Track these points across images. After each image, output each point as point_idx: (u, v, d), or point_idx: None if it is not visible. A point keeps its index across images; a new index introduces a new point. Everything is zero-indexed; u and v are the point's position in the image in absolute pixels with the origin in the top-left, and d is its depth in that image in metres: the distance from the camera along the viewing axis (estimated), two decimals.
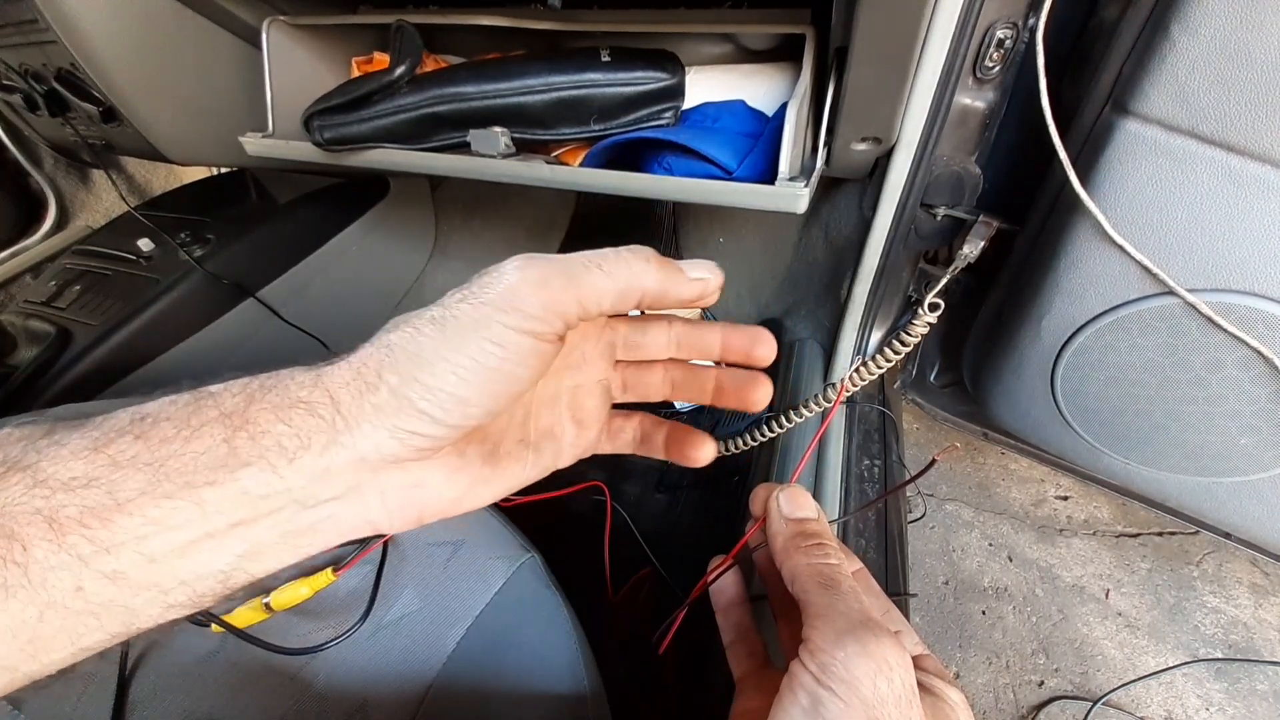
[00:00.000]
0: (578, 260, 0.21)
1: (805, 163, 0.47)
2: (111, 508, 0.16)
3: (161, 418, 0.18)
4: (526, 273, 0.20)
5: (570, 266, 0.21)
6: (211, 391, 0.18)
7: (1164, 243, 0.40)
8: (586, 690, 0.42)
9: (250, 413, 0.18)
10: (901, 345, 0.56)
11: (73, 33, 0.56)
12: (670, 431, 0.29)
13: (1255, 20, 0.32)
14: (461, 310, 0.19)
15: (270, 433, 0.18)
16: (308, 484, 0.18)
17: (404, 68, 0.51)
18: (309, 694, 0.38)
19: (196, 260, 0.83)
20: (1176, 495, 0.54)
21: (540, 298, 0.20)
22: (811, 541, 0.27)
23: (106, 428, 0.17)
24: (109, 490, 0.16)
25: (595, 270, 0.21)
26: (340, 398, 0.19)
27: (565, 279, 0.20)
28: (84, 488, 0.16)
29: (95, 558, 0.16)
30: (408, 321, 0.20)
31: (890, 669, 0.21)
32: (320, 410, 0.18)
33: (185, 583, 0.17)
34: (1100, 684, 0.85)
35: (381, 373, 0.19)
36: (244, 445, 0.17)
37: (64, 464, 0.16)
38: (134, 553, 0.16)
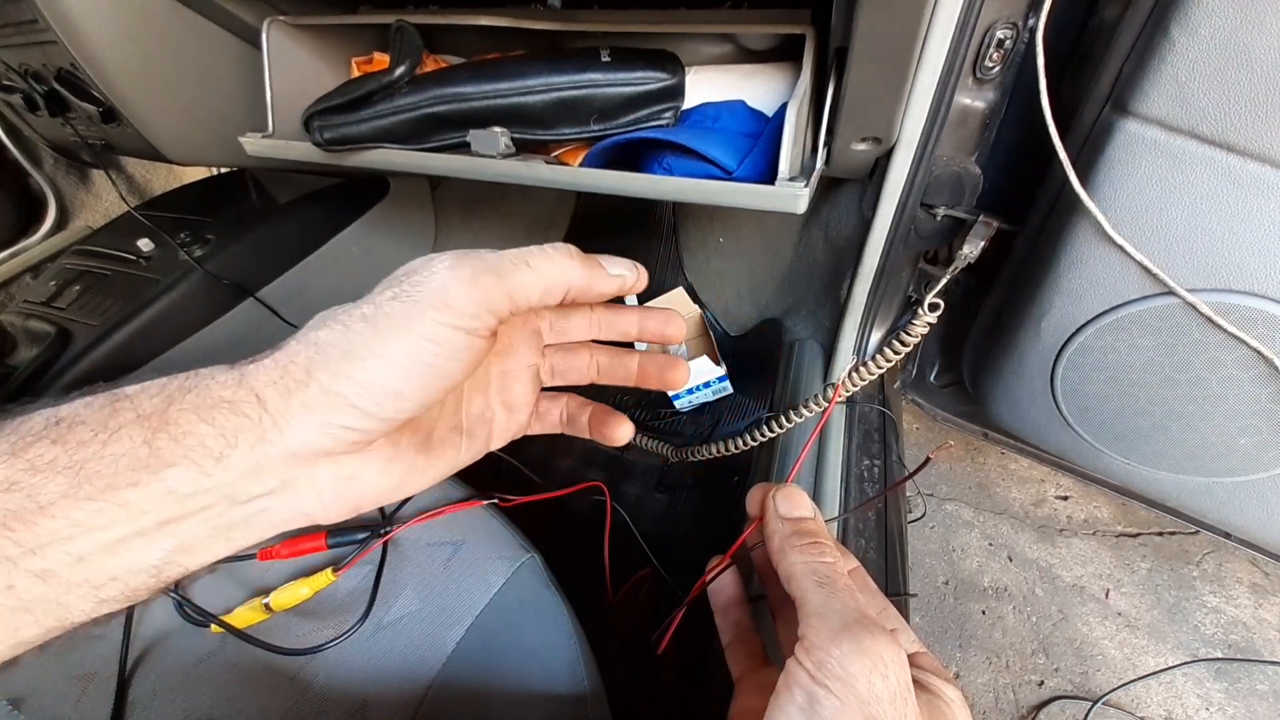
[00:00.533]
0: (506, 258, 0.22)
1: (805, 163, 0.47)
2: (34, 510, 0.16)
3: (77, 421, 0.18)
4: (458, 271, 0.21)
5: (499, 264, 0.22)
6: (128, 393, 0.18)
7: (1164, 243, 0.40)
8: (586, 690, 0.42)
9: (170, 414, 0.18)
10: (901, 345, 0.56)
11: (73, 33, 0.56)
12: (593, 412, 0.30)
13: (1255, 20, 0.32)
14: (394, 308, 0.20)
15: (193, 433, 0.18)
16: (237, 480, 0.19)
17: (404, 68, 0.51)
18: (309, 694, 0.38)
19: (196, 260, 0.83)
20: (1176, 495, 0.54)
21: (472, 296, 0.20)
22: (807, 540, 0.27)
23: (22, 431, 0.17)
24: (29, 494, 0.16)
25: (523, 267, 0.22)
26: (266, 396, 0.19)
27: (495, 277, 0.21)
28: (4, 492, 0.16)
29: (23, 558, 0.16)
30: (335, 319, 0.20)
31: (885, 666, 0.21)
32: (245, 409, 0.19)
33: (116, 578, 0.18)
34: (1100, 684, 0.85)
35: (311, 370, 0.19)
36: (165, 446, 0.18)
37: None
38: (61, 552, 0.17)
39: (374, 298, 0.21)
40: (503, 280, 0.21)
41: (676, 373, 0.29)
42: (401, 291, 0.20)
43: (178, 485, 0.18)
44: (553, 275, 0.23)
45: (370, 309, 0.20)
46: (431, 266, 0.21)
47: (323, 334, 0.20)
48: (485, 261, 0.21)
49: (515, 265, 0.22)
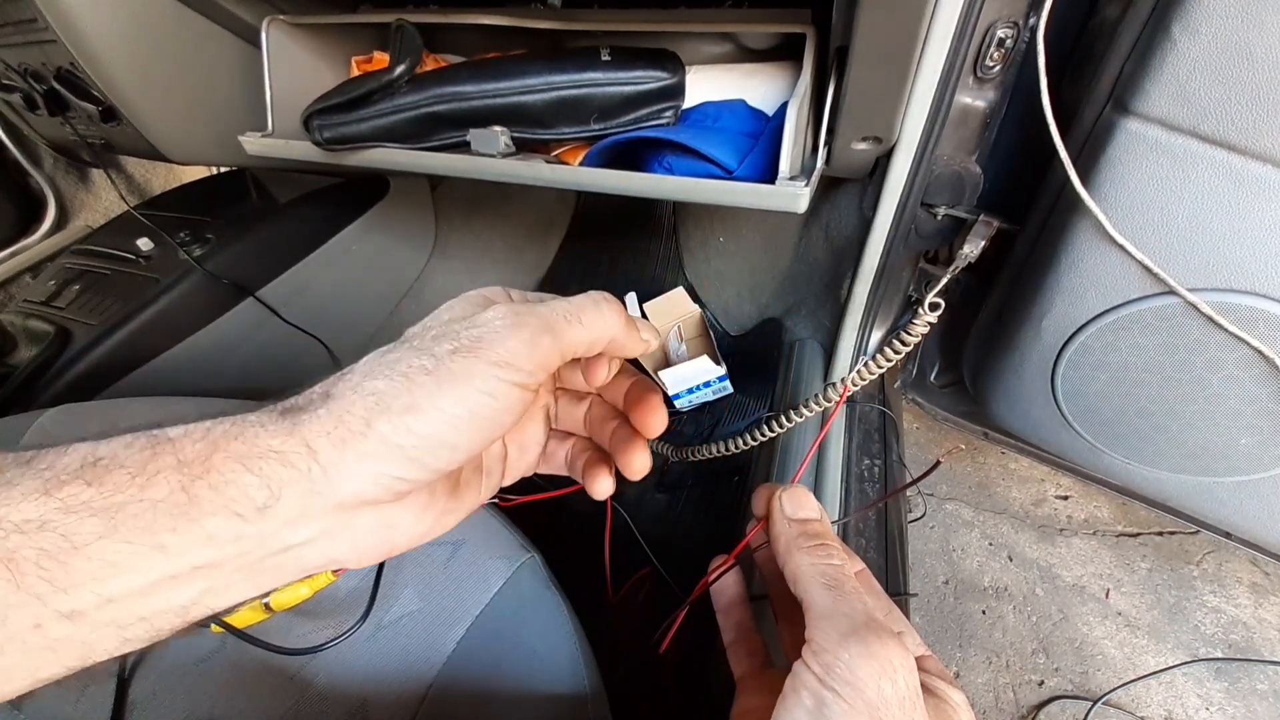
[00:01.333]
0: (559, 314, 0.23)
1: (805, 162, 0.47)
2: (68, 550, 0.16)
3: (115, 464, 0.17)
4: (519, 330, 0.21)
5: (553, 320, 0.22)
6: (170, 436, 0.18)
7: (1165, 242, 0.40)
8: (586, 690, 0.42)
9: (214, 461, 0.18)
10: (902, 345, 0.56)
11: (72, 32, 0.56)
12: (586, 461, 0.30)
13: (1256, 19, 0.32)
14: (456, 363, 0.20)
15: (236, 483, 0.18)
16: (279, 529, 0.18)
17: (404, 67, 0.51)
18: (309, 694, 0.38)
19: (196, 260, 0.83)
20: (1177, 495, 0.54)
21: (533, 355, 0.21)
22: (814, 542, 0.27)
23: (58, 469, 0.17)
24: (64, 534, 0.16)
25: (576, 324, 0.23)
26: (319, 446, 0.19)
27: (551, 336, 0.22)
28: (38, 531, 0.16)
29: (52, 597, 0.16)
30: (394, 370, 0.20)
31: (894, 670, 0.21)
32: (295, 460, 0.18)
33: (144, 619, 0.18)
34: (1100, 684, 0.85)
35: (371, 421, 0.19)
36: (204, 494, 0.17)
37: (15, 506, 0.16)
38: (91, 593, 0.16)
39: (433, 349, 0.21)
40: (557, 338, 0.22)
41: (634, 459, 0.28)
42: (462, 346, 0.21)
43: (217, 532, 0.18)
44: (600, 330, 0.24)
45: (430, 361, 0.20)
46: (489, 320, 0.22)
47: (381, 384, 0.20)
48: (541, 318, 0.22)
49: (568, 322, 0.23)
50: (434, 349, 0.21)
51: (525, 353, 0.21)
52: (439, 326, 0.22)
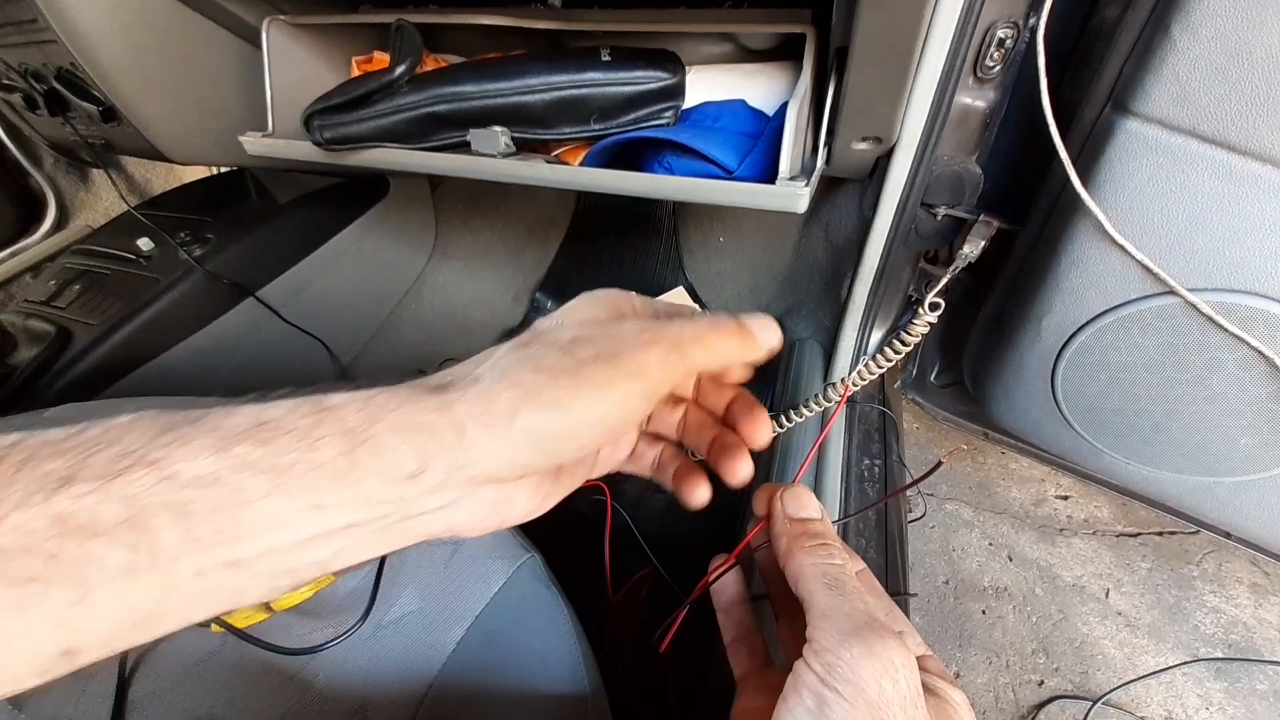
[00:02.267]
0: (688, 335, 0.24)
1: (805, 162, 0.47)
2: (238, 505, 0.17)
3: (284, 428, 0.19)
4: (654, 348, 0.23)
5: (682, 342, 0.24)
6: (331, 404, 0.20)
7: (1165, 242, 0.40)
8: (586, 690, 0.42)
9: (374, 430, 0.19)
10: (902, 345, 0.56)
11: (72, 32, 0.56)
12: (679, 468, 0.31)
13: (1255, 20, 0.32)
14: (596, 370, 0.22)
15: (394, 450, 0.19)
16: (421, 495, 0.20)
17: (404, 67, 0.51)
18: (309, 694, 0.38)
19: (196, 260, 0.83)
20: (1176, 495, 0.54)
21: (664, 372, 0.23)
22: (816, 542, 0.27)
23: (227, 428, 0.18)
24: (235, 490, 0.17)
25: (701, 349, 0.24)
26: (468, 426, 0.20)
27: (679, 355, 0.23)
28: (210, 485, 0.17)
29: (219, 548, 0.17)
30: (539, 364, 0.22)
31: (896, 670, 0.21)
32: (445, 436, 0.20)
33: (291, 570, 0.19)
34: (1100, 683, 0.85)
35: (517, 409, 0.20)
36: (365, 459, 0.19)
37: (189, 462, 0.17)
38: (253, 545, 0.18)
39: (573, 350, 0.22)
40: (685, 359, 0.24)
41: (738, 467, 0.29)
42: (603, 354, 0.22)
43: (371, 494, 0.19)
44: (721, 354, 0.25)
45: (573, 363, 0.22)
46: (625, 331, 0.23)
47: (529, 377, 0.21)
48: (671, 336, 0.23)
49: (694, 344, 0.24)
50: (576, 351, 0.22)
51: (658, 367, 0.23)
52: (574, 327, 0.24)
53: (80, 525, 0.16)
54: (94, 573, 0.16)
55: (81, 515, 0.16)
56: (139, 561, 0.16)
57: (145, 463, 0.17)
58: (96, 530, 0.16)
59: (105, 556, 0.16)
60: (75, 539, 0.16)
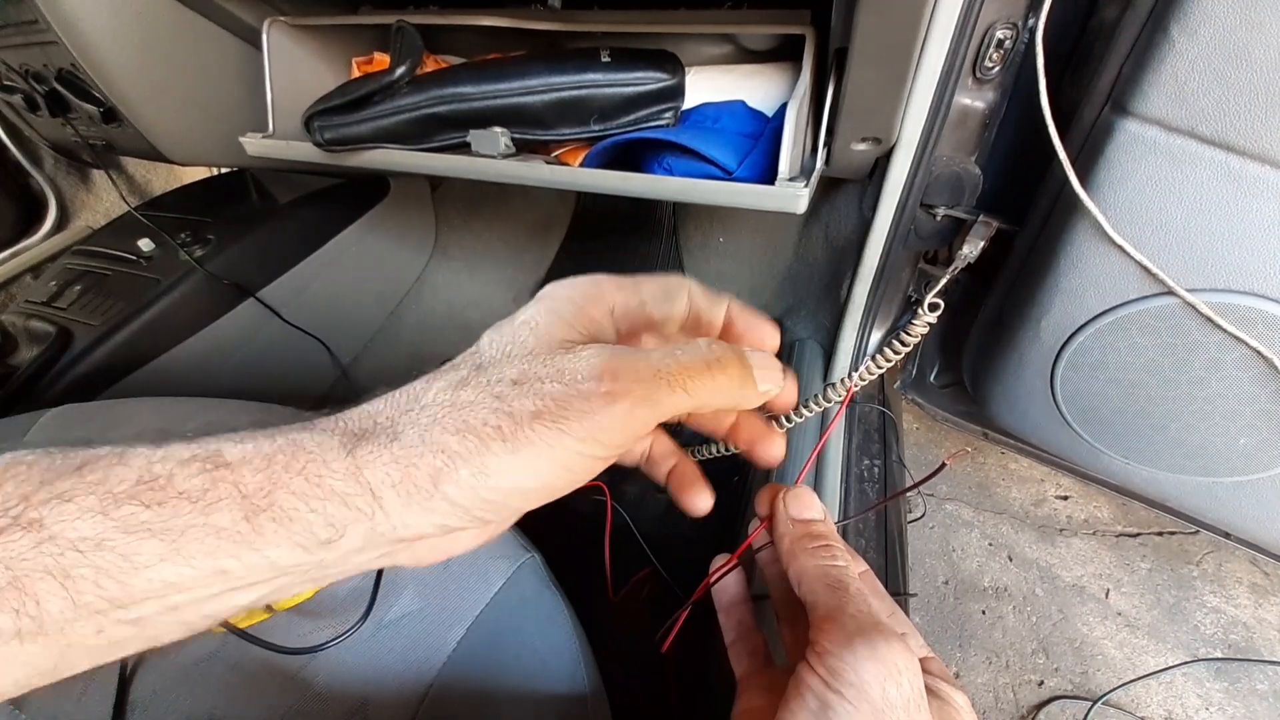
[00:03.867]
0: (664, 378, 0.20)
1: (805, 163, 0.47)
2: (128, 570, 0.16)
3: (175, 488, 0.17)
4: (613, 406, 0.19)
5: (656, 388, 0.20)
6: (228, 461, 0.18)
7: (1164, 243, 0.40)
8: (586, 690, 0.42)
9: (275, 496, 0.18)
10: (901, 345, 0.56)
11: (73, 33, 0.56)
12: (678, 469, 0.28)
13: (1254, 20, 0.32)
14: (537, 434, 0.18)
15: (300, 520, 0.18)
16: (341, 557, 0.19)
17: (404, 68, 0.51)
18: (309, 694, 0.38)
19: (197, 260, 0.83)
20: (1176, 495, 0.54)
21: (625, 431, 0.19)
22: (819, 543, 0.27)
23: (112, 483, 0.17)
24: (123, 554, 0.16)
25: (680, 394, 0.20)
26: (383, 495, 0.18)
27: (650, 409, 0.20)
28: (95, 550, 0.16)
29: (114, 611, 0.16)
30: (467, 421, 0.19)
31: (899, 673, 0.21)
32: (358, 503, 0.18)
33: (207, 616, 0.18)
34: (1100, 684, 0.85)
35: (438, 481, 0.18)
36: (268, 527, 0.17)
37: (70, 524, 0.16)
38: (155, 605, 0.17)
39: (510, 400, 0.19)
40: (656, 409, 0.20)
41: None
42: (544, 410, 0.19)
43: (279, 559, 0.18)
44: (706, 400, 0.21)
45: (508, 423, 0.19)
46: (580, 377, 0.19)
47: (452, 441, 0.18)
48: (643, 386, 0.20)
49: (672, 390, 0.20)
50: (512, 403, 0.19)
51: (617, 429, 0.19)
52: (520, 359, 0.20)
53: None
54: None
55: None
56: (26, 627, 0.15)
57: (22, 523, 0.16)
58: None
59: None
60: None
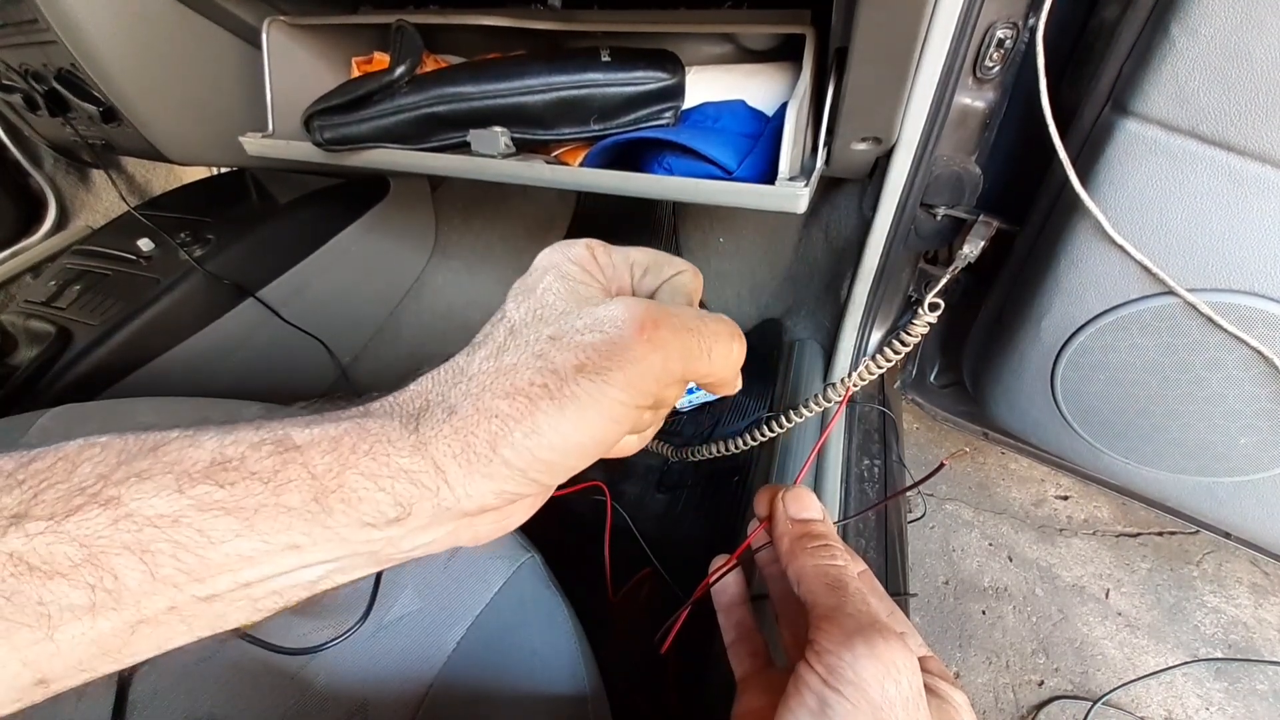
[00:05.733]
0: (695, 338, 0.22)
1: (805, 163, 0.47)
2: (204, 545, 0.17)
3: (247, 469, 0.18)
4: (652, 356, 0.20)
5: (688, 346, 0.21)
6: (297, 444, 0.18)
7: (1164, 243, 0.40)
8: (586, 690, 0.42)
9: (344, 478, 0.18)
10: (901, 345, 0.56)
11: (73, 33, 0.56)
12: None
13: (1255, 20, 0.32)
14: (581, 388, 0.19)
15: (368, 499, 0.18)
16: (407, 534, 0.19)
17: (404, 68, 0.51)
18: (309, 694, 0.38)
19: (197, 260, 0.83)
20: (1176, 495, 0.54)
21: (661, 381, 0.21)
22: (818, 543, 0.27)
23: (186, 464, 0.17)
24: (199, 530, 0.17)
25: (705, 357, 0.22)
26: (447, 468, 0.19)
27: (682, 363, 0.21)
28: (172, 526, 0.16)
29: (189, 585, 0.17)
30: (515, 385, 0.20)
31: (899, 672, 0.21)
32: (424, 480, 0.19)
33: (275, 593, 0.19)
34: (1100, 684, 0.85)
35: (495, 445, 0.19)
36: (338, 507, 0.18)
37: (147, 501, 0.16)
38: (228, 580, 0.17)
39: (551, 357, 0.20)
40: (688, 366, 0.21)
41: None
42: (587, 365, 0.19)
43: (350, 536, 0.18)
44: (721, 370, 0.23)
45: (553, 380, 0.19)
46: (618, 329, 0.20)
47: (504, 405, 0.19)
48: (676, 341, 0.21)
49: (700, 353, 0.22)
50: (554, 359, 0.20)
51: (654, 377, 0.20)
52: (552, 320, 0.21)
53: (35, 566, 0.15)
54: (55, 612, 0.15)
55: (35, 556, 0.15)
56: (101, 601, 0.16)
57: (100, 500, 0.16)
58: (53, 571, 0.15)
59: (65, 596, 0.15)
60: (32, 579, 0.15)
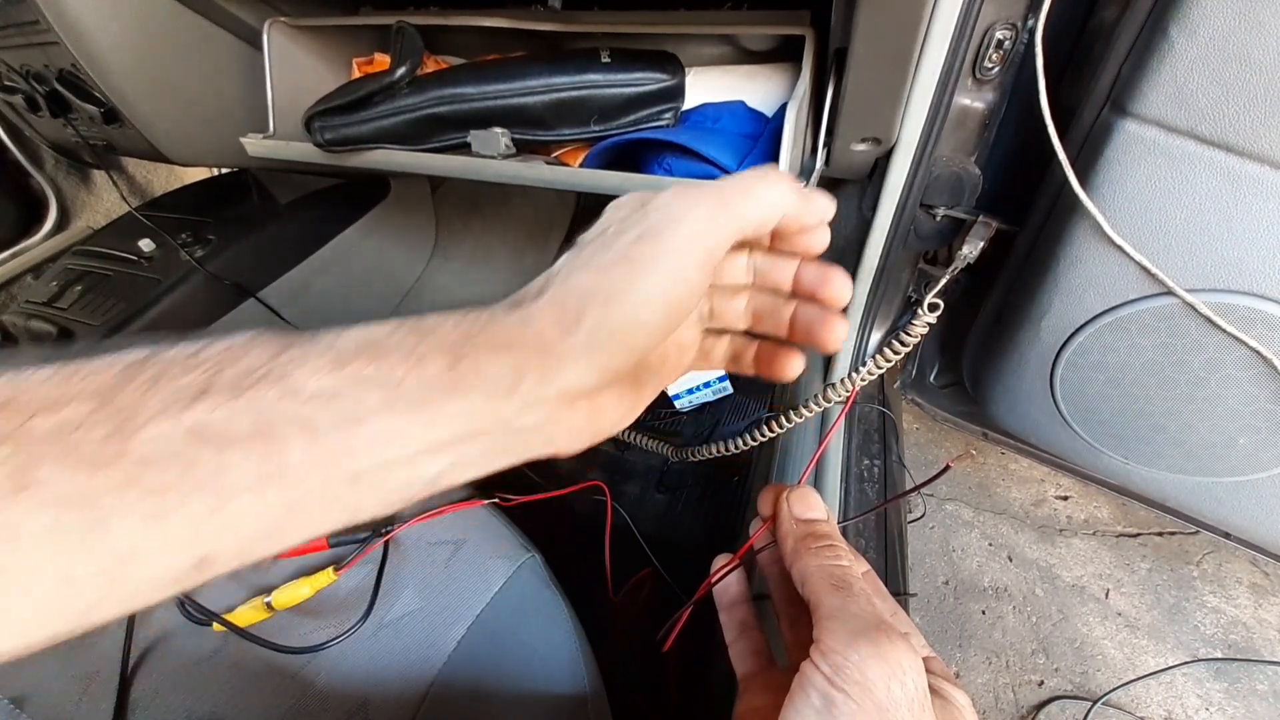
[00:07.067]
0: (730, 189, 0.23)
1: (805, 163, 0.47)
2: (356, 420, 0.18)
3: (389, 345, 0.19)
4: (695, 210, 0.22)
5: (727, 197, 0.23)
6: (428, 324, 0.20)
7: (1163, 243, 0.40)
8: (586, 690, 0.42)
9: (469, 347, 0.20)
10: (901, 345, 0.56)
11: (74, 34, 0.56)
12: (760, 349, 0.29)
13: (1254, 21, 0.32)
14: (644, 250, 0.21)
15: (491, 364, 0.20)
16: (518, 411, 0.20)
17: (405, 69, 0.51)
18: (310, 693, 0.38)
19: (198, 261, 0.83)
20: (1176, 495, 0.54)
21: (713, 233, 0.22)
22: (822, 543, 0.27)
23: (340, 347, 0.19)
24: (354, 403, 0.18)
25: (752, 202, 0.23)
26: (549, 337, 0.20)
27: (728, 215, 0.22)
28: (331, 399, 0.18)
29: (342, 460, 0.18)
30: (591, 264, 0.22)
31: (904, 672, 0.21)
32: (529, 351, 0.20)
33: (405, 484, 0.20)
34: (1100, 684, 0.85)
35: (583, 312, 0.21)
36: (467, 374, 0.19)
37: (310, 378, 0.18)
38: (370, 459, 0.18)
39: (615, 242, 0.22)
40: (732, 214, 0.22)
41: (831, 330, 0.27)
42: (646, 231, 0.22)
43: (475, 409, 0.20)
44: (773, 202, 0.23)
45: (619, 252, 0.21)
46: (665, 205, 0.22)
47: (585, 278, 0.21)
48: (714, 196, 0.22)
49: (742, 196, 0.23)
50: (618, 241, 0.22)
51: (704, 230, 0.22)
52: (616, 224, 0.23)
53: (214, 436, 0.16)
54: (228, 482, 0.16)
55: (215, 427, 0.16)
56: (269, 472, 0.17)
57: (271, 378, 0.17)
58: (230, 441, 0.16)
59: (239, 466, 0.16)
60: (210, 449, 0.16)
